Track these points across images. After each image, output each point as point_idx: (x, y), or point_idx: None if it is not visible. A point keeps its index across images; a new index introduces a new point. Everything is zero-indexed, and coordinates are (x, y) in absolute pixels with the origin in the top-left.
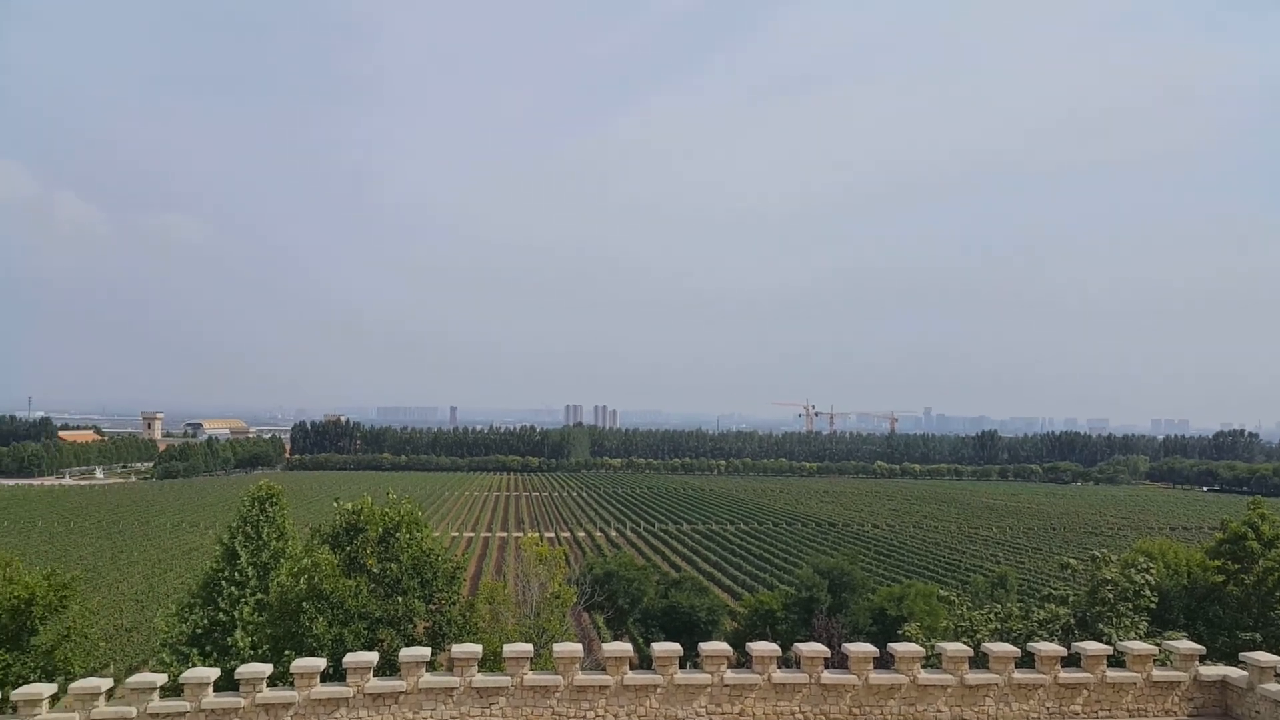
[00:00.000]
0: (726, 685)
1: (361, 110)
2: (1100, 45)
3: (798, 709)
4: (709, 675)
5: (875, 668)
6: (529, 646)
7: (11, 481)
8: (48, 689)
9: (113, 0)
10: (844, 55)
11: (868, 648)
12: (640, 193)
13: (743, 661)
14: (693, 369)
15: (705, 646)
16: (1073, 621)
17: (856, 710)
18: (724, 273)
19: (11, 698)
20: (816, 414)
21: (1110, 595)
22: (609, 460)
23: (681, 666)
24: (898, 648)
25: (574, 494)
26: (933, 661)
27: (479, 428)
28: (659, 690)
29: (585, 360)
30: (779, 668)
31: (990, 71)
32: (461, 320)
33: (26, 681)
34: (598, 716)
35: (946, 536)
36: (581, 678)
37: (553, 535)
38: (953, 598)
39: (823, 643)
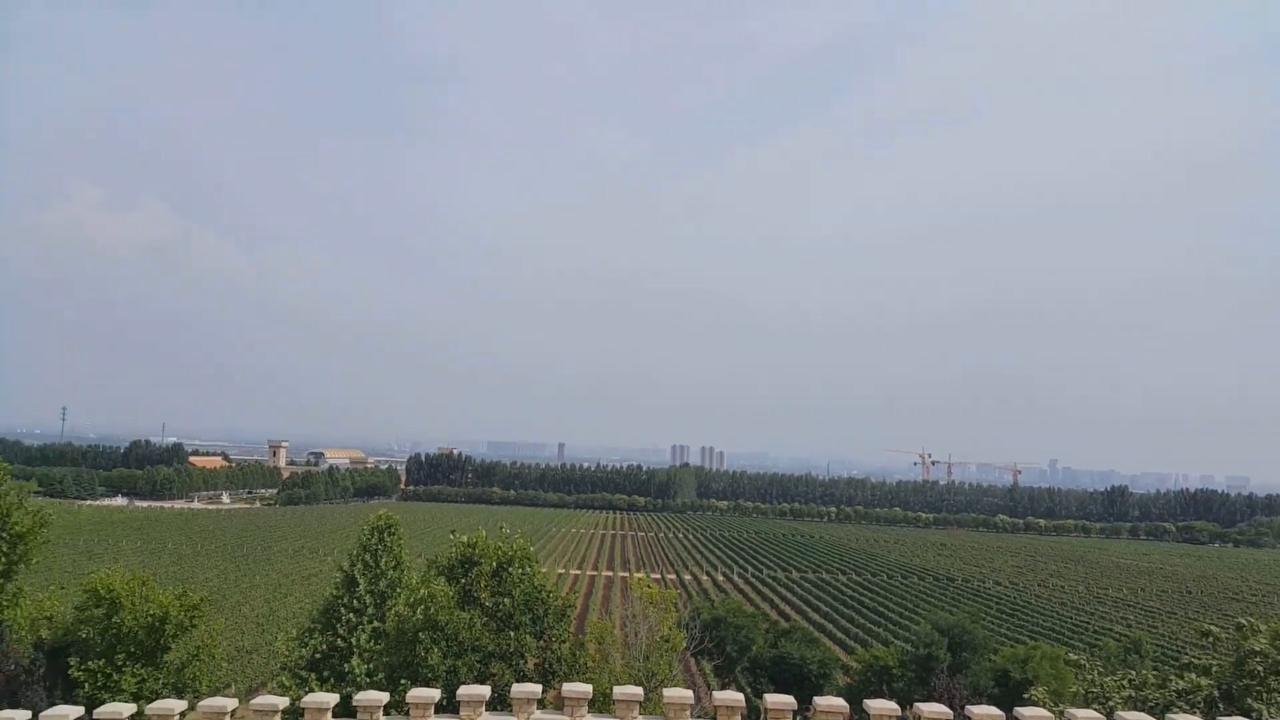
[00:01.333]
0: None
1: (438, 146)
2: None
3: None
4: None
5: None
6: (639, 690)
7: (145, 503)
8: (179, 705)
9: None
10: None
11: (993, 710)
12: (750, 229)
13: (857, 718)
14: (801, 411)
15: (820, 701)
16: (1216, 694)
17: None
18: (836, 315)
19: (146, 711)
20: (933, 462)
21: (1260, 668)
22: (715, 502)
23: None
24: (1025, 712)
25: (680, 535)
26: None
27: (586, 465)
28: None
29: (692, 400)
30: None
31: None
32: (571, 357)
33: (159, 696)
34: None
35: (1074, 597)
36: None
37: (658, 576)
38: (1083, 661)
39: (944, 704)
